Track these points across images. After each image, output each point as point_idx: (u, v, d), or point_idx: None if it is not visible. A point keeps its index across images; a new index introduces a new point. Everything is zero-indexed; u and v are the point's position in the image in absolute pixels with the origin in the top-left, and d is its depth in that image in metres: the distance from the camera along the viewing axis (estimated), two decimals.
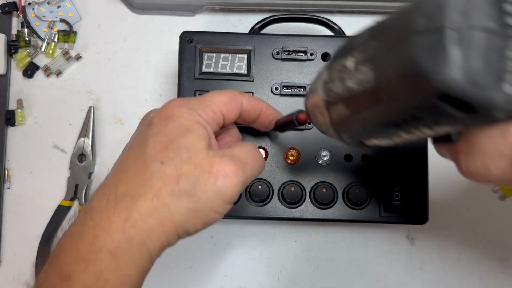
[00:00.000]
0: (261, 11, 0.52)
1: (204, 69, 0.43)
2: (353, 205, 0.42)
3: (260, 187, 0.42)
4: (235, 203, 0.42)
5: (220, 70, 0.44)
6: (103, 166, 0.52)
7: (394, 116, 0.22)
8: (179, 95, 0.43)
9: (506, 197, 0.50)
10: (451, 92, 0.18)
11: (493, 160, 0.24)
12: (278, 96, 0.43)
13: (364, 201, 0.42)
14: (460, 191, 0.50)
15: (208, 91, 0.43)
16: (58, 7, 0.54)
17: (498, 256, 0.50)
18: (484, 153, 0.24)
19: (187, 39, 0.43)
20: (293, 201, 0.42)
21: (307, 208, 0.42)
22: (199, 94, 0.43)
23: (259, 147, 0.43)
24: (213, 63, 0.43)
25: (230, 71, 0.44)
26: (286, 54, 0.43)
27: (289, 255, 0.50)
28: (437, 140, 0.26)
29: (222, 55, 0.44)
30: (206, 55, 0.43)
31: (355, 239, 0.50)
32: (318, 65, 0.44)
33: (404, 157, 0.43)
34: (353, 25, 0.52)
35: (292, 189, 0.42)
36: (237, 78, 0.43)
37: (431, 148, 0.50)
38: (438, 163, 0.51)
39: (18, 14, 0.53)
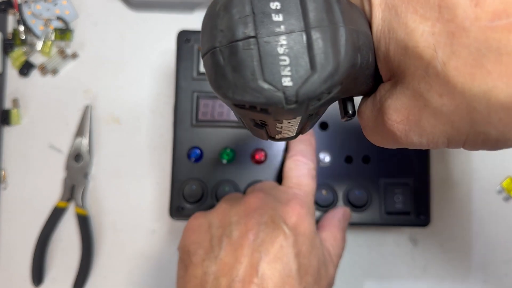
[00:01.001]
0: None
1: (201, 69, 0.42)
2: (354, 207, 0.41)
3: None
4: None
5: None
6: (100, 167, 0.51)
7: (250, 120, 0.23)
8: (176, 95, 0.42)
9: (510, 198, 0.49)
10: (235, 102, 0.19)
11: (368, 123, 0.25)
12: None
13: (365, 204, 0.41)
14: (463, 192, 0.50)
15: (206, 92, 0.42)
16: (55, 5, 0.53)
17: (502, 258, 0.49)
18: (367, 121, 0.25)
19: (185, 39, 0.42)
20: None
21: None
22: (197, 96, 0.42)
23: (258, 149, 0.42)
24: None
25: None
26: None
27: None
28: (343, 116, 0.27)
29: None
30: None
31: (357, 241, 0.49)
32: None
33: (405, 159, 0.42)
34: None
35: None
36: None
37: (433, 150, 0.49)
38: (441, 165, 0.50)
39: (14, 12, 0.53)
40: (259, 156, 0.41)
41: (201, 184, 0.41)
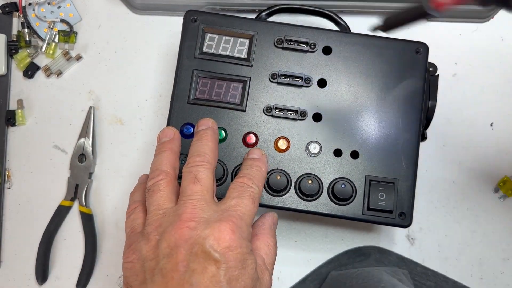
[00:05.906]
0: (261, 12, 0.52)
1: (204, 49, 0.43)
2: (338, 200, 0.42)
3: None
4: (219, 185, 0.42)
5: (220, 52, 0.43)
6: (103, 166, 0.52)
7: None
8: (177, 72, 0.43)
9: (506, 197, 0.50)
10: None
11: None
12: (275, 84, 0.43)
13: (348, 198, 0.41)
14: (460, 191, 0.50)
15: (206, 71, 0.43)
16: (59, 7, 0.54)
17: (498, 256, 0.50)
18: None
19: (191, 18, 0.43)
20: (278, 189, 0.42)
21: (291, 198, 0.42)
22: (197, 74, 0.43)
23: (250, 132, 0.43)
24: (214, 44, 0.43)
25: (230, 54, 0.43)
26: (287, 44, 0.43)
27: (289, 255, 0.50)
28: None
29: (224, 37, 0.43)
30: (208, 35, 0.43)
31: (355, 239, 0.50)
32: (318, 57, 0.43)
33: (394, 158, 0.42)
34: (360, 24, 0.51)
35: (278, 177, 0.42)
36: (237, 61, 0.43)
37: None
38: (437, 164, 0.51)
39: (18, 14, 0.54)
40: (251, 140, 0.42)
41: None
